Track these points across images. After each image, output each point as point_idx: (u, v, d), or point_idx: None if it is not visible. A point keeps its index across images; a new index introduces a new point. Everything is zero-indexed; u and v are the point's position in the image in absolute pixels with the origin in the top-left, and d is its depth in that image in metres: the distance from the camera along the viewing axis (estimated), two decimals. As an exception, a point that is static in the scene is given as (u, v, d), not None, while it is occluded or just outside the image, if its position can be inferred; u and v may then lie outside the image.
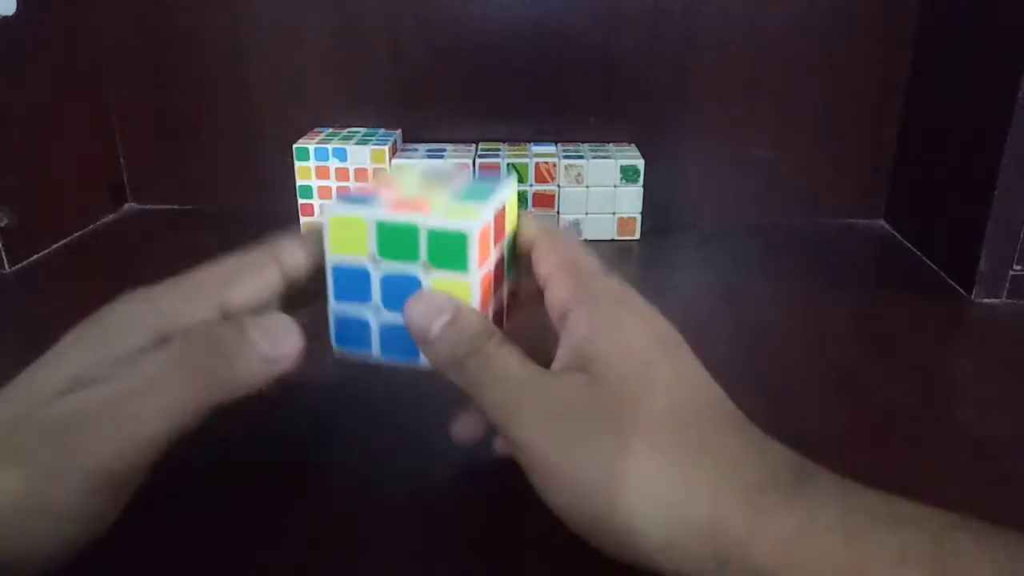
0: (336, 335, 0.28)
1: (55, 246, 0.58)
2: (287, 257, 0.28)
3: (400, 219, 0.26)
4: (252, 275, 0.27)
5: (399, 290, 0.26)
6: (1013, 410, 0.38)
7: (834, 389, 0.39)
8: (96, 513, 0.23)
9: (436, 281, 0.26)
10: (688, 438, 0.22)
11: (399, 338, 0.27)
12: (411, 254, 0.26)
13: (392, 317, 0.27)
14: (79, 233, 0.60)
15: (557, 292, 0.26)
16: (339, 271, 0.27)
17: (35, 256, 0.56)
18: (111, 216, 0.65)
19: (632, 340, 0.24)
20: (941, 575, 0.18)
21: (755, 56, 0.61)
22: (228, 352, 0.24)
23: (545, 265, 0.27)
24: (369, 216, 0.26)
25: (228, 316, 0.26)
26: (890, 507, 0.20)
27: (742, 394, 0.24)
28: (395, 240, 0.26)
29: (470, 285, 0.26)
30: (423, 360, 0.27)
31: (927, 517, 0.20)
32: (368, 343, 0.28)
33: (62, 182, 0.59)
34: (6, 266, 0.54)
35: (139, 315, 0.25)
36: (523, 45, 0.61)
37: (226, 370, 0.24)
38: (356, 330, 0.27)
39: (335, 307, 0.27)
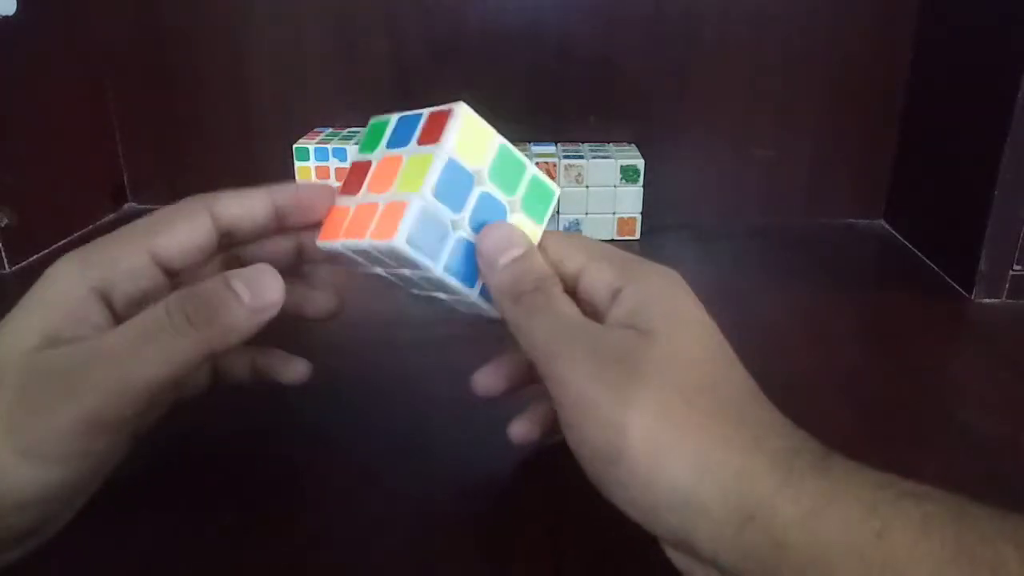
0: (410, 231, 0.26)
1: (55, 246, 0.58)
2: (221, 208, 0.28)
3: (517, 154, 0.28)
4: (182, 223, 0.27)
5: (486, 213, 0.27)
6: (1013, 410, 0.38)
7: (834, 389, 0.39)
8: (82, 455, 0.24)
9: (514, 220, 0.28)
10: (726, 409, 0.23)
11: (466, 260, 0.27)
12: (510, 188, 0.28)
13: (469, 235, 0.27)
14: (79, 233, 0.60)
15: (602, 276, 0.27)
16: (451, 167, 0.26)
17: (35, 256, 0.56)
18: (111, 216, 0.65)
19: (684, 316, 0.25)
20: (963, 544, 0.19)
21: (755, 56, 0.61)
22: (215, 304, 0.25)
23: (575, 259, 0.28)
24: (496, 136, 0.28)
25: (160, 263, 0.27)
26: (912, 485, 0.21)
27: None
28: (505, 168, 0.28)
29: (537, 236, 0.28)
30: (473, 294, 0.28)
31: (948, 496, 0.20)
32: (437, 253, 0.27)
33: (62, 182, 0.59)
34: (6, 266, 0.54)
35: (74, 273, 0.26)
36: (523, 45, 0.61)
37: (215, 321, 0.24)
38: (431, 234, 0.26)
39: (426, 203, 0.26)
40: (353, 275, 0.30)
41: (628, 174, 0.57)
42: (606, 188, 0.58)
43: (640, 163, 0.57)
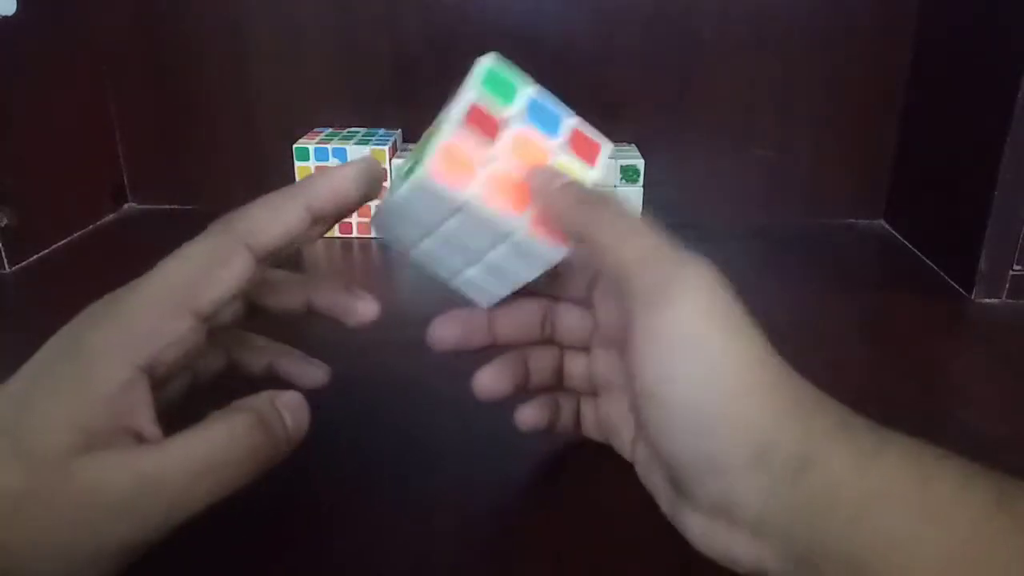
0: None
1: (55, 246, 0.58)
2: (259, 241, 0.25)
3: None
4: (222, 272, 0.24)
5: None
6: (1013, 410, 0.38)
7: (834, 389, 0.39)
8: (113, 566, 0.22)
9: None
10: (782, 375, 0.24)
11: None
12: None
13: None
14: (79, 233, 0.60)
15: (655, 276, 0.26)
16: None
17: (35, 256, 0.56)
18: (111, 216, 0.65)
19: (706, 280, 0.26)
20: (1004, 495, 0.20)
21: (755, 56, 0.61)
22: (269, 423, 0.24)
23: (633, 248, 0.27)
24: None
25: (203, 320, 0.24)
26: (953, 456, 0.22)
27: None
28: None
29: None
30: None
31: (977, 465, 0.21)
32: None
33: (62, 182, 0.59)
34: (6, 266, 0.54)
35: (114, 343, 0.23)
36: (523, 45, 0.61)
37: (269, 458, 0.24)
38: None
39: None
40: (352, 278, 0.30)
41: (628, 174, 0.57)
42: (606, 188, 0.58)
43: (640, 163, 0.57)
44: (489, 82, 0.28)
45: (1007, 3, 0.47)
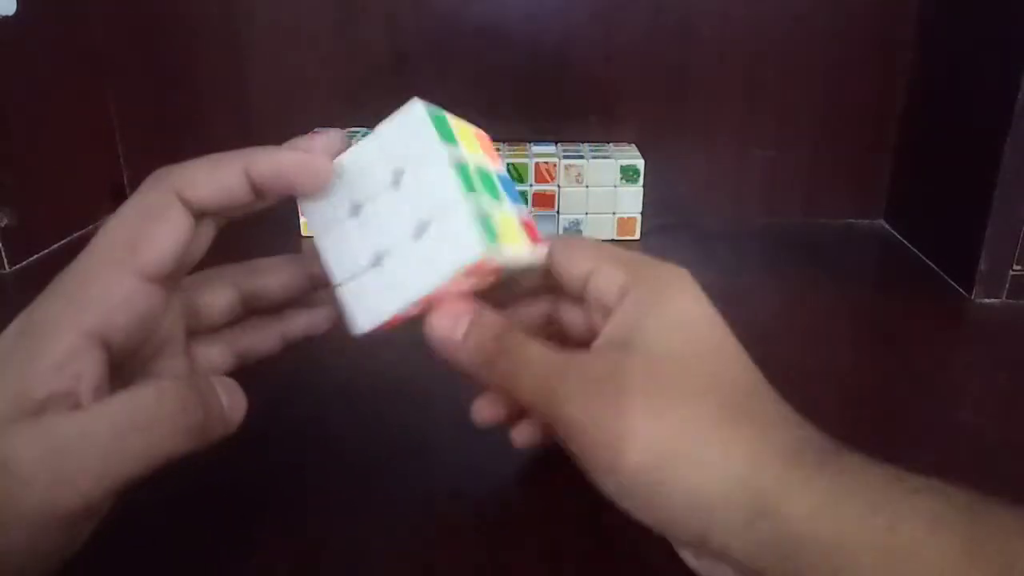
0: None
1: (55, 246, 0.58)
2: (194, 190, 0.25)
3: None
4: (161, 228, 0.24)
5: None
6: (1013, 410, 0.38)
7: (834, 389, 0.39)
8: (48, 552, 0.22)
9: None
10: (727, 404, 0.23)
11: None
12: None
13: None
14: (79, 233, 0.60)
15: (611, 277, 0.27)
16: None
17: (35, 256, 0.56)
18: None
19: (680, 316, 0.25)
20: (975, 538, 0.19)
21: (755, 56, 0.61)
22: (206, 409, 0.24)
23: (582, 260, 0.28)
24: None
25: (151, 280, 0.24)
26: (923, 481, 0.21)
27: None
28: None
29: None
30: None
31: (959, 492, 0.20)
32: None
33: (62, 182, 0.59)
34: (6, 266, 0.54)
35: (61, 313, 0.23)
36: (523, 45, 0.61)
37: (201, 427, 0.24)
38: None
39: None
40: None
41: (628, 174, 0.57)
42: (606, 188, 0.58)
43: (640, 163, 0.57)
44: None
45: (1007, 3, 0.47)
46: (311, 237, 0.28)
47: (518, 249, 0.28)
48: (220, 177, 0.25)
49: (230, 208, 0.26)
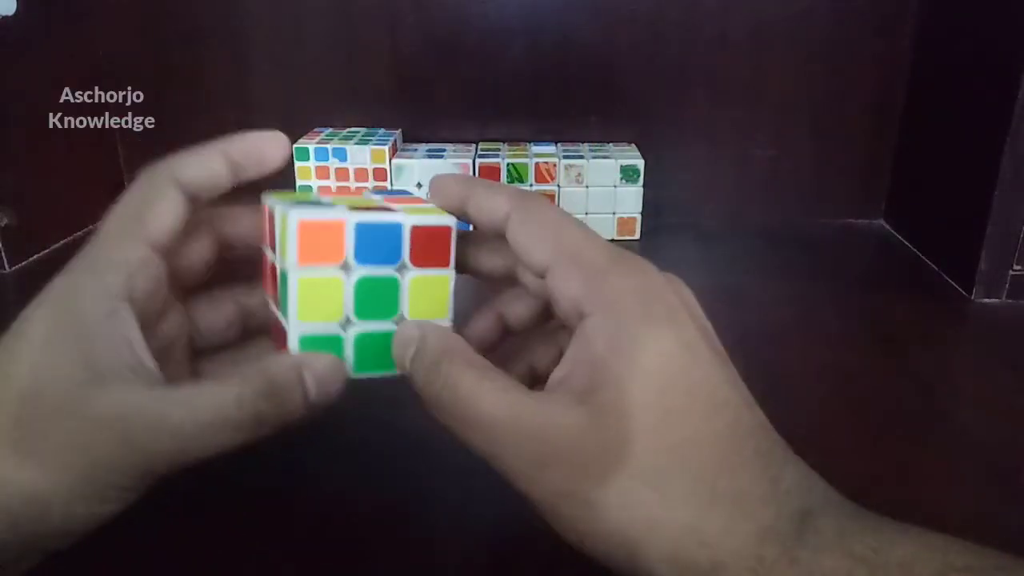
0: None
1: (55, 246, 0.58)
2: (186, 176, 0.27)
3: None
4: (162, 204, 0.27)
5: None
6: (1013, 410, 0.38)
7: (834, 389, 0.39)
8: (121, 504, 0.23)
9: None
10: (699, 479, 0.21)
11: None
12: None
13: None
14: (79, 233, 0.60)
15: (567, 289, 0.24)
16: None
17: (35, 256, 0.56)
18: (111, 216, 0.65)
19: (652, 360, 0.22)
20: None
21: (755, 56, 0.61)
22: (283, 396, 0.24)
23: (541, 252, 0.24)
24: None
25: (158, 251, 0.26)
26: (888, 552, 0.19)
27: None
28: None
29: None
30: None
31: (925, 560, 0.19)
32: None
33: (62, 182, 0.59)
34: (6, 266, 0.54)
35: (93, 287, 0.25)
36: (523, 45, 0.61)
37: (276, 411, 0.24)
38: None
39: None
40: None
41: (628, 174, 0.57)
42: (606, 188, 0.58)
43: (640, 163, 0.57)
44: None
45: (1007, 3, 0.47)
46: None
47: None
48: (205, 161, 0.28)
49: (214, 188, 0.28)
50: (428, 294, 0.26)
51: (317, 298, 0.25)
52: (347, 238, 0.25)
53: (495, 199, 0.26)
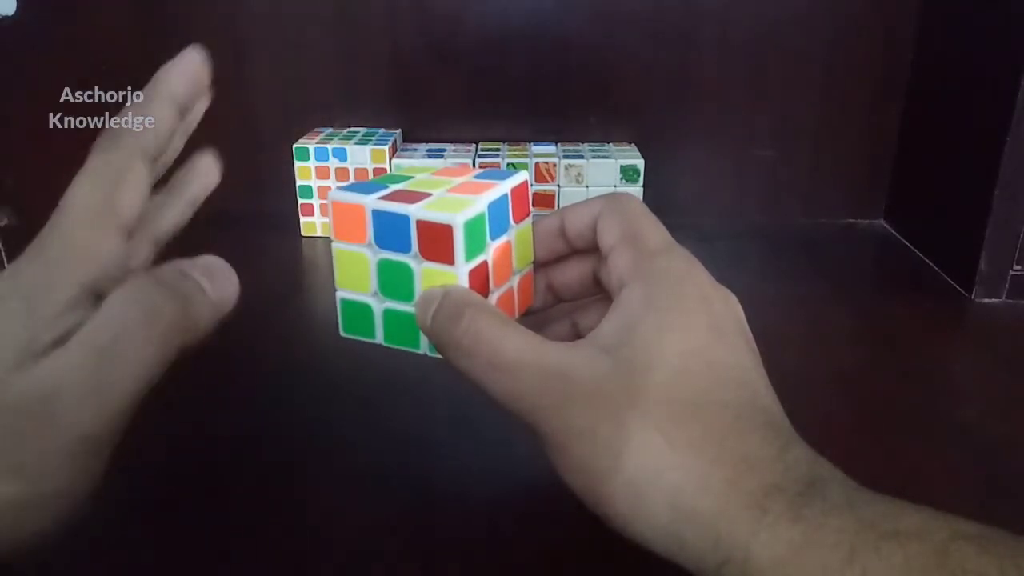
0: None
1: (55, 246, 0.58)
2: (146, 141, 0.28)
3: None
4: (128, 186, 0.27)
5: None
6: (1013, 410, 0.38)
7: (834, 389, 0.39)
8: (78, 479, 0.23)
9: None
10: (709, 433, 0.22)
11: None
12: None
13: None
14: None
15: (617, 265, 0.26)
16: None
17: (35, 256, 0.56)
18: (111, 216, 0.65)
19: (678, 326, 0.24)
20: None
21: (755, 56, 0.61)
22: (183, 298, 0.24)
23: (610, 236, 0.27)
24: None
25: (130, 233, 0.26)
26: (897, 519, 0.20)
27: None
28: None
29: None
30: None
31: (933, 529, 0.19)
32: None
33: (62, 182, 0.59)
34: (6, 266, 0.54)
35: (56, 273, 0.25)
36: (523, 45, 0.61)
37: (184, 317, 0.24)
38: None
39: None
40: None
41: (628, 174, 0.57)
42: (606, 188, 0.58)
43: (640, 163, 0.57)
44: None
45: (1007, 3, 0.47)
46: (311, 237, 0.28)
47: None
48: (160, 119, 0.28)
49: (172, 148, 0.29)
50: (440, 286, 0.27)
51: (351, 268, 0.27)
52: (367, 221, 0.26)
53: (592, 203, 0.29)
